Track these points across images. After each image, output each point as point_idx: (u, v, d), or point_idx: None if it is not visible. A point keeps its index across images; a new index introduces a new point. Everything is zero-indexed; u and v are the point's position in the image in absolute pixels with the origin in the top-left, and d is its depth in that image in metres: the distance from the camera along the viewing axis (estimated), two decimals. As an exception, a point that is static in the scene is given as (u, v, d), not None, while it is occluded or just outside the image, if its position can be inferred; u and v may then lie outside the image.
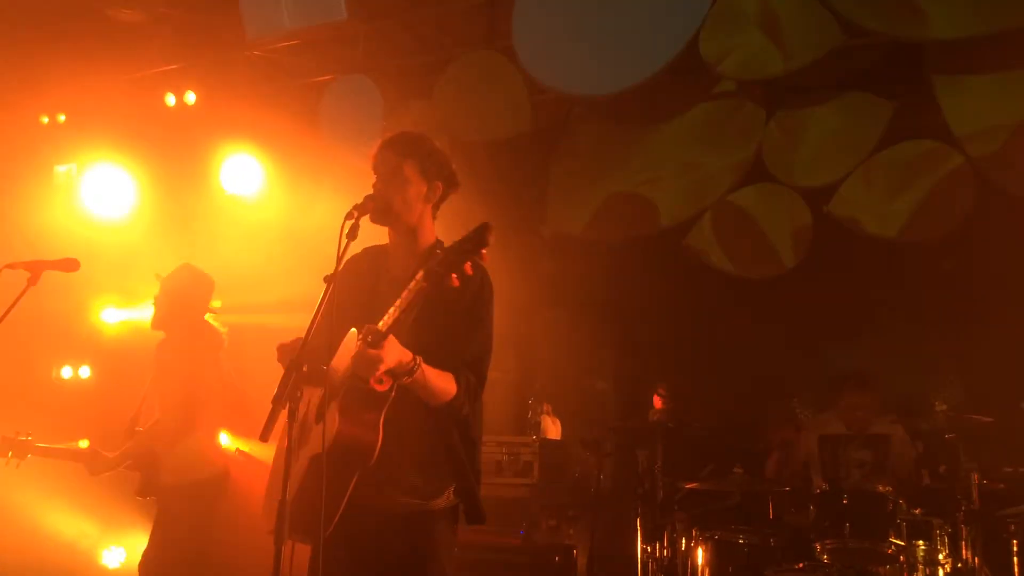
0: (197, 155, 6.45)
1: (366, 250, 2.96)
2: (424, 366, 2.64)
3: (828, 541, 4.30)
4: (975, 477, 4.42)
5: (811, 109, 5.82)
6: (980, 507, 4.36)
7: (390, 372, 2.60)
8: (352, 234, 2.74)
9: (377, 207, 2.87)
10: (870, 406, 5.04)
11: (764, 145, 5.86)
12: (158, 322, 4.38)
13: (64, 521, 6.30)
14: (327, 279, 2.73)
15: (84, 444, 4.34)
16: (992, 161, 5.23)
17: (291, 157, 6.19)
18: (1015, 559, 4.27)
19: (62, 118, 6.72)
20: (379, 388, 2.62)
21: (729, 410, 6.01)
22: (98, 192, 6.66)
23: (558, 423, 5.97)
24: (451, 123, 6.05)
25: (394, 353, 2.57)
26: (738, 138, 5.92)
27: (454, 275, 2.46)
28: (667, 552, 5.04)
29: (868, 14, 5.18)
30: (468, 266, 2.48)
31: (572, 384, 6.61)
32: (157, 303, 4.39)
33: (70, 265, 3.45)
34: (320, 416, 2.73)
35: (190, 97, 6.36)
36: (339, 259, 2.67)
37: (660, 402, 5.95)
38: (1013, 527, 4.31)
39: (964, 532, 4.30)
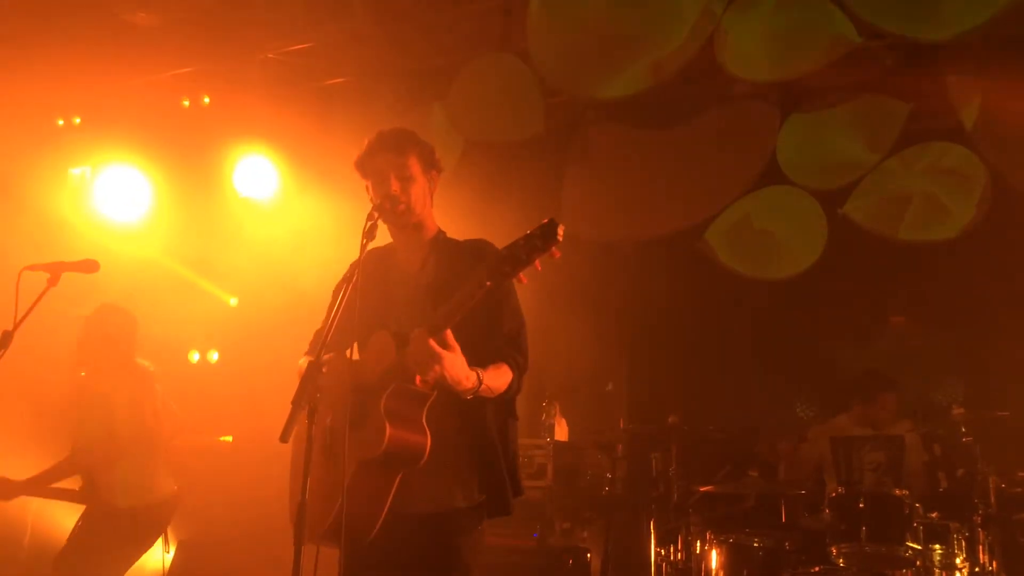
0: (211, 158, 6.47)
1: (369, 253, 2.98)
2: (483, 374, 2.64)
3: (844, 545, 4.28)
4: (992, 481, 4.41)
5: (826, 111, 5.80)
6: (997, 511, 4.35)
7: (446, 384, 2.57)
8: (371, 234, 2.77)
9: (401, 210, 2.88)
10: (895, 407, 5.05)
11: (779, 147, 5.85)
12: (87, 364, 4.54)
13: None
14: (341, 283, 2.77)
15: None
16: (1007, 162, 5.21)
17: (306, 160, 6.21)
18: (1032, 563, 4.26)
19: (77, 120, 6.76)
20: (422, 387, 2.61)
21: (741, 414, 6.00)
22: (112, 194, 6.69)
23: (564, 423, 5.97)
24: (465, 125, 6.07)
25: (458, 368, 2.56)
26: (752, 140, 5.91)
27: (522, 274, 2.41)
28: (681, 555, 5.03)
29: (884, 16, 5.17)
30: (538, 263, 2.39)
31: (584, 386, 6.60)
32: (83, 346, 4.51)
33: (90, 267, 3.47)
34: (360, 421, 2.69)
35: (204, 100, 6.39)
36: (359, 261, 2.69)
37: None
38: (1030, 531, 4.30)
39: (981, 536, 4.28)
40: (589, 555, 5.10)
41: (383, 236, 2.98)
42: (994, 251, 5.26)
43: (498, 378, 2.70)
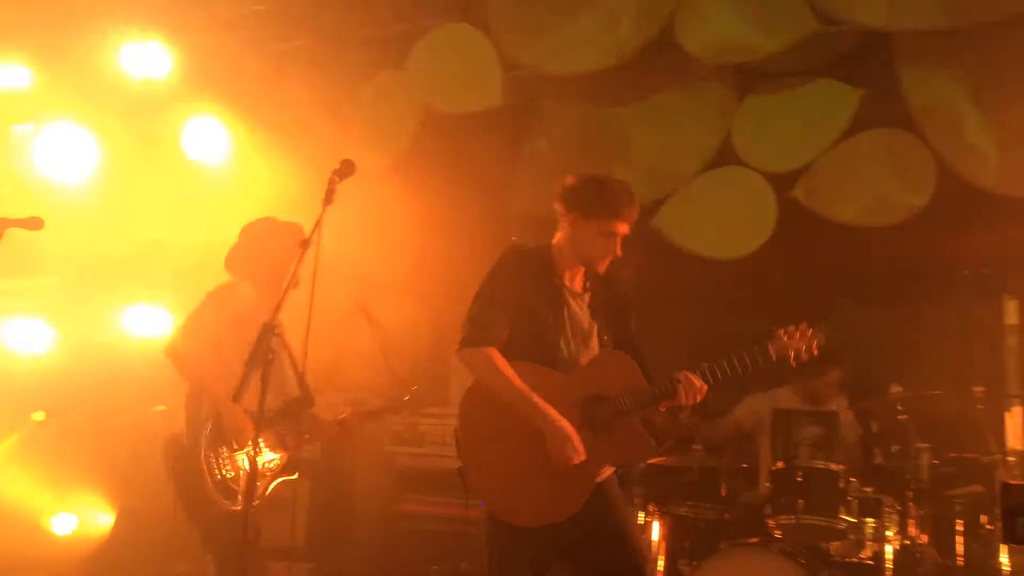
0: (161, 119, 6.33)
1: (531, 253, 3.18)
2: None
3: (781, 517, 4.40)
4: (925, 457, 4.57)
5: (781, 95, 5.88)
6: (929, 486, 4.51)
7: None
8: (329, 199, 2.78)
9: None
10: (837, 383, 5.18)
11: (734, 129, 5.92)
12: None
13: (12, 486, 6.21)
14: (303, 244, 2.77)
15: None
16: (954, 151, 5.35)
17: (259, 123, 6.11)
18: (959, 538, 4.43)
19: (23, 77, 6.55)
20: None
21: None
22: (57, 153, 6.50)
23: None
24: (423, 94, 6.03)
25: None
26: (709, 121, 5.97)
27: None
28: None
29: (840, 2, 5.26)
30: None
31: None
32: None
33: (35, 224, 3.39)
34: (601, 425, 3.05)
35: (156, 58, 6.23)
36: (317, 223, 2.71)
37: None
38: (958, 507, 4.46)
39: (913, 510, 4.43)
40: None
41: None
42: (935, 236, 5.41)
43: None
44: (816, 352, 3.12)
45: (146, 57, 6.17)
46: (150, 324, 6.33)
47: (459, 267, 5.95)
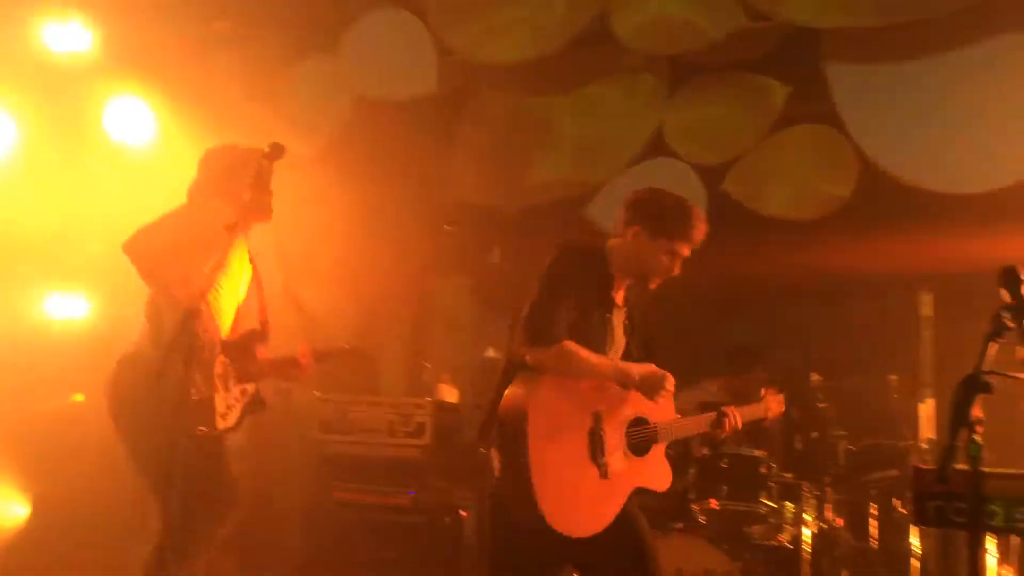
0: (83, 99, 6.12)
1: (593, 254, 3.11)
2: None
3: (705, 502, 4.48)
4: (842, 444, 4.71)
5: (712, 89, 5.98)
6: (846, 472, 4.65)
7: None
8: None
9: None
10: (760, 380, 5.29)
11: (666, 121, 6.00)
12: None
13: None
14: (229, 227, 2.74)
15: None
16: (876, 147, 5.52)
17: (185, 105, 5.96)
18: (873, 521, 4.58)
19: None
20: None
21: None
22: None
23: (456, 392, 6.00)
24: (355, 79, 5.96)
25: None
26: (641, 113, 6.04)
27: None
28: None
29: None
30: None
31: (467, 351, 6.64)
32: None
33: None
34: (640, 447, 3.03)
35: (77, 37, 6.02)
36: (245, 208, 2.68)
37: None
38: (873, 492, 4.61)
39: (830, 495, 4.57)
40: (464, 513, 5.17)
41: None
42: (855, 230, 5.56)
43: None
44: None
45: (66, 35, 5.96)
46: (68, 310, 6.14)
47: (389, 255, 5.93)
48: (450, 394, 5.94)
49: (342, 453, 5.31)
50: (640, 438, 3.02)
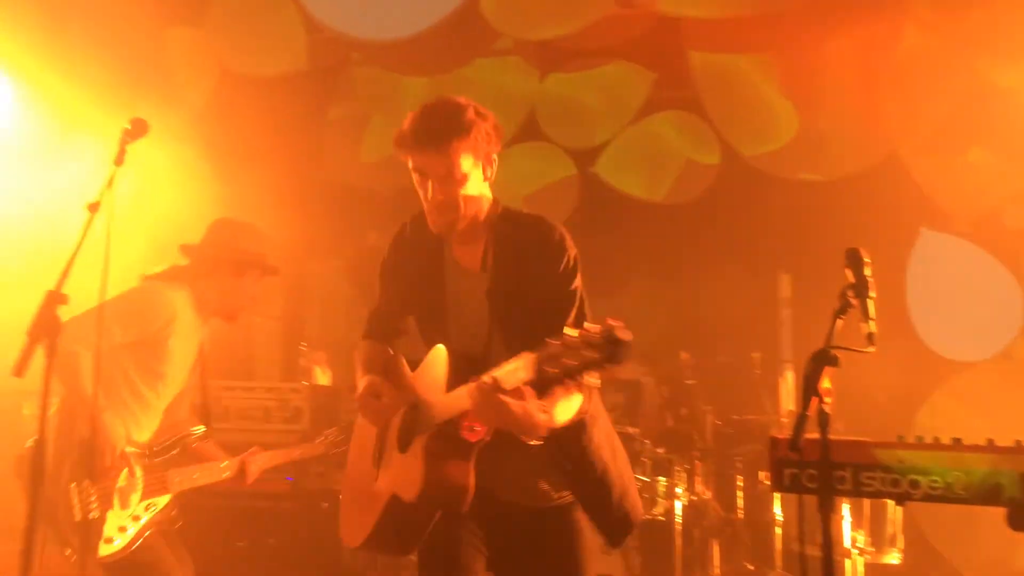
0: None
1: (412, 222, 2.56)
2: (552, 412, 2.21)
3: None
4: (710, 419, 4.96)
5: (582, 73, 6.09)
6: (714, 446, 4.90)
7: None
8: (119, 159, 2.64)
9: (450, 221, 2.42)
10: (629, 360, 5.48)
11: (538, 105, 6.07)
12: None
13: None
14: (92, 207, 2.58)
15: None
16: (737, 134, 5.78)
17: (43, 80, 5.53)
18: (739, 492, 4.85)
19: None
20: (471, 437, 2.23)
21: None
22: None
23: (329, 373, 5.92)
24: (222, 54, 5.72)
25: (524, 422, 2.13)
26: (513, 96, 6.08)
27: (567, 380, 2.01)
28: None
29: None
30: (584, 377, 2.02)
31: (342, 333, 6.55)
32: None
33: None
34: (406, 444, 2.38)
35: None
36: (108, 184, 2.54)
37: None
38: (739, 465, 4.88)
39: (699, 468, 4.80)
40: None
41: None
42: (721, 214, 5.83)
43: (567, 406, 2.30)
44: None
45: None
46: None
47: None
48: (326, 377, 5.86)
49: (218, 440, 5.14)
50: (405, 429, 2.42)
